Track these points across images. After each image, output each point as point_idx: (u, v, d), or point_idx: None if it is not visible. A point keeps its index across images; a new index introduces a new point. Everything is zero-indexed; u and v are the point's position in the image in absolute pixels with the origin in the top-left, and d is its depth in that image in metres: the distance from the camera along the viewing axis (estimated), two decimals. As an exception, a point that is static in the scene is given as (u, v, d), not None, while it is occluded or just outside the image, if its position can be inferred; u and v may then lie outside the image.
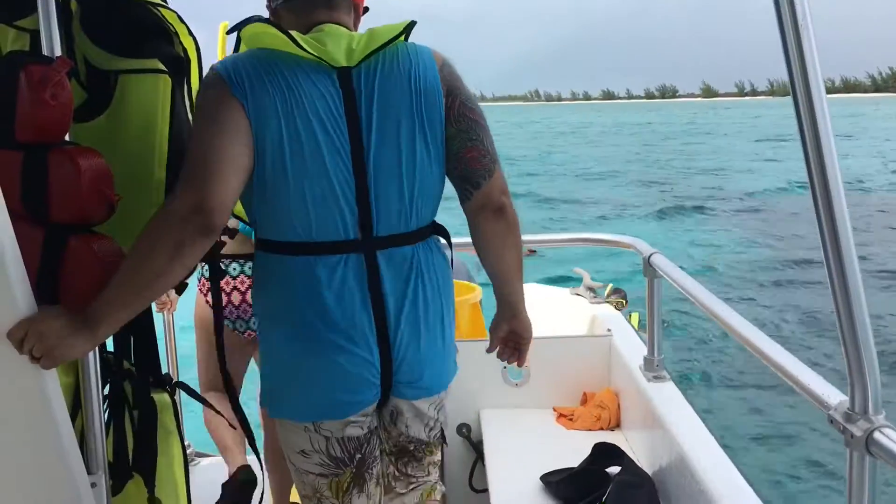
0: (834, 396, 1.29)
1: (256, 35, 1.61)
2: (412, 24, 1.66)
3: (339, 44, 1.62)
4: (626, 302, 10.57)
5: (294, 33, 1.57)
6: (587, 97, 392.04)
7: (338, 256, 1.61)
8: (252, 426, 1.89)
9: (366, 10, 1.89)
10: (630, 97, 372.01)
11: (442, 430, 1.87)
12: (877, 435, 1.15)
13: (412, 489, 1.90)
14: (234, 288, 2.62)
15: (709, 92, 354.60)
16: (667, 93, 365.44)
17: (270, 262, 1.65)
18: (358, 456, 1.73)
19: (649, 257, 2.62)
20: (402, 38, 1.65)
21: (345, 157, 1.59)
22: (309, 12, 1.69)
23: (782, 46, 1.13)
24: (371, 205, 1.62)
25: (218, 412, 2.10)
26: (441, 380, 1.79)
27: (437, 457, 1.94)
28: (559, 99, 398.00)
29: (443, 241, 1.78)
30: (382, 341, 1.65)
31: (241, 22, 1.62)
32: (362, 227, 1.62)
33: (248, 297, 2.58)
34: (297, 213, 1.58)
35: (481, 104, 1.74)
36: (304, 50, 1.56)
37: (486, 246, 1.75)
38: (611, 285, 11.32)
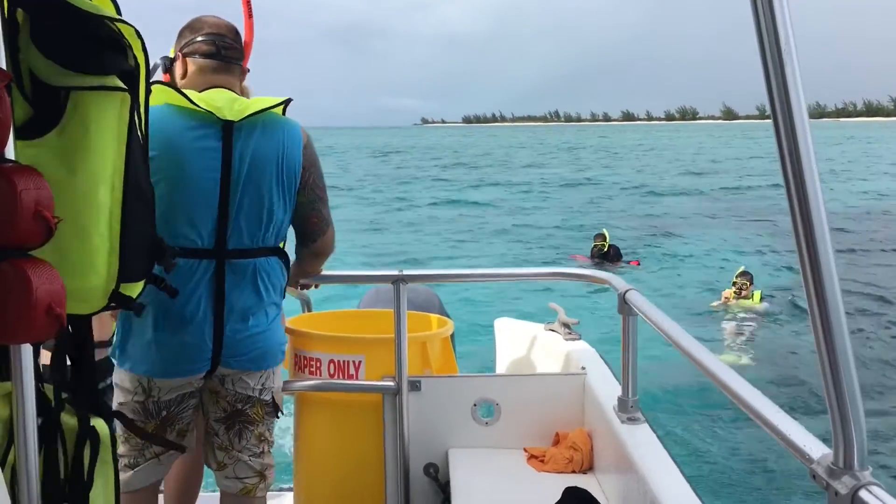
0: (816, 449, 1.20)
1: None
2: (289, 101, 2.24)
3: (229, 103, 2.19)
4: (751, 283, 10.94)
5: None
6: (607, 118, 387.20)
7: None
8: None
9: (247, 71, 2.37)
10: (650, 118, 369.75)
11: (274, 400, 2.36)
12: (863, 493, 1.06)
13: (246, 460, 2.34)
14: None
15: (729, 114, 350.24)
16: (687, 115, 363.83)
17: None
18: (164, 413, 2.26)
19: (624, 294, 2.53)
20: (280, 109, 2.24)
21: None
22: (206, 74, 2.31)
23: (763, 73, 1.06)
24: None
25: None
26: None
27: (270, 434, 2.41)
28: (579, 120, 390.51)
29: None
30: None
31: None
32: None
33: None
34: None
35: (501, 125, 1.84)
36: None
37: (303, 269, 2.58)
38: (742, 267, 11.66)
